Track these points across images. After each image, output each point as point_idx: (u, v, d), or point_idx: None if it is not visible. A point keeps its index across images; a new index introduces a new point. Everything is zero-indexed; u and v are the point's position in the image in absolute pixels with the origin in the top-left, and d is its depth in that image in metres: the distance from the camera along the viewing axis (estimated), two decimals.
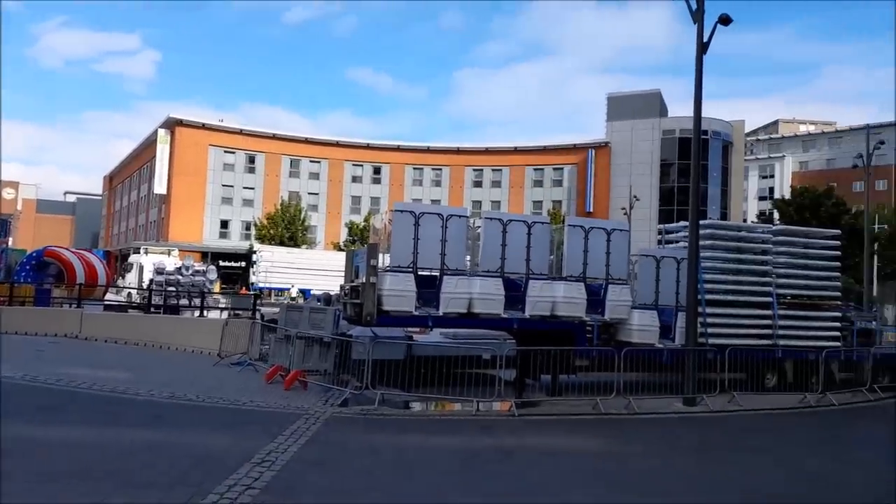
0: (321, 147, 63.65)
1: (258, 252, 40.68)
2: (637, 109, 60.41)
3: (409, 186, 64.99)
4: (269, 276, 38.41)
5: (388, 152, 65.01)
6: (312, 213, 59.65)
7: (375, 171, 65.14)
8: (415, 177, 65.65)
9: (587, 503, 6.47)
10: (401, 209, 12.25)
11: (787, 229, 17.53)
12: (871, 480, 7.88)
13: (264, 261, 38.92)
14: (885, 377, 15.54)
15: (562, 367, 12.26)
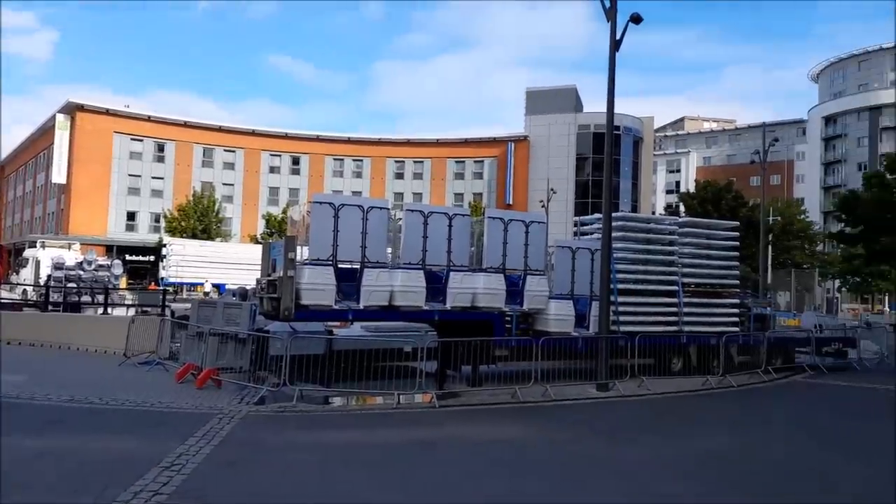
0: (236, 136, 61.44)
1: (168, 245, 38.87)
2: (554, 104, 62.03)
3: (330, 178, 63.93)
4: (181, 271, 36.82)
5: (308, 142, 63.62)
6: (227, 205, 57.58)
7: (294, 161, 63.60)
8: (335, 168, 64.65)
9: (505, 493, 6.58)
10: (320, 200, 12.00)
11: (692, 221, 18.49)
12: (768, 457, 8.47)
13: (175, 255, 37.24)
14: (778, 359, 16.76)
15: (482, 358, 12.44)
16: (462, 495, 6.39)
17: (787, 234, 53.29)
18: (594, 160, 60.30)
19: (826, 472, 7.75)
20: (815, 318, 26.41)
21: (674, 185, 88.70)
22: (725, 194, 51.72)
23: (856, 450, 8.97)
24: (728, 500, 6.50)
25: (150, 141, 57.87)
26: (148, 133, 57.55)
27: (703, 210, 47.67)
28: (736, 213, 45.67)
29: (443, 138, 65.18)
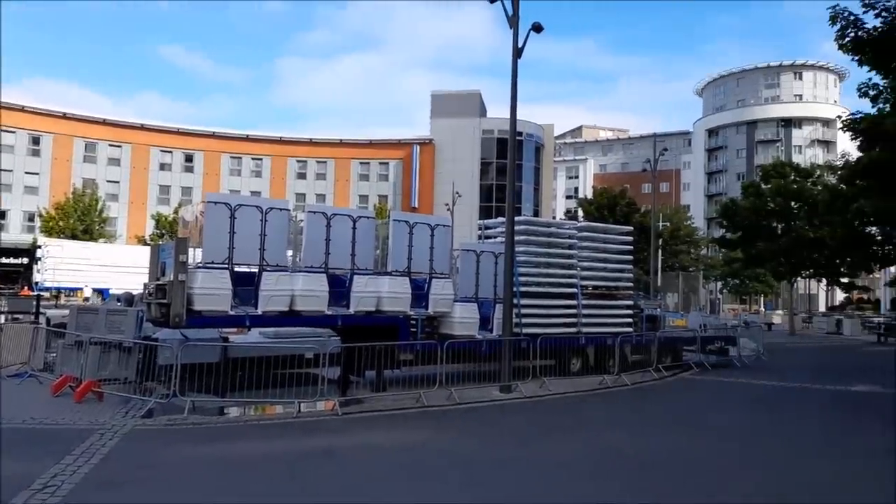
0: (123, 130, 57.55)
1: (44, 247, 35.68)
2: (459, 108, 62.81)
3: (227, 176, 61.30)
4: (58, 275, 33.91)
5: (203, 139, 60.68)
6: (112, 204, 53.76)
7: (187, 158, 60.42)
8: (233, 166, 62.07)
9: (407, 498, 6.46)
10: (215, 200, 11.36)
11: (590, 226, 19.20)
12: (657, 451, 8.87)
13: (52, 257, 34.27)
14: (668, 357, 17.74)
15: (387, 363, 12.25)
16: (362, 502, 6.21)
17: (675, 239, 56.88)
18: (498, 165, 61.65)
19: (719, 464, 8.20)
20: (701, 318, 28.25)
21: (573, 190, 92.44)
22: (620, 200, 54.48)
23: (740, 441, 9.58)
24: (630, 495, 6.71)
25: (23, 133, 52.96)
26: (21, 124, 52.61)
27: (599, 215, 49.93)
28: (629, 218, 48.17)
29: (347, 139, 64.27)
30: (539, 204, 65.89)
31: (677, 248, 56.65)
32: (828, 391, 14.92)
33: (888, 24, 12.79)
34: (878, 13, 12.88)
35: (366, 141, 64.37)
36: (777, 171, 40.49)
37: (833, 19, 13.36)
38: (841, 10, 13.26)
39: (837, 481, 7.47)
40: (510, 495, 6.62)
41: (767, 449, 9.05)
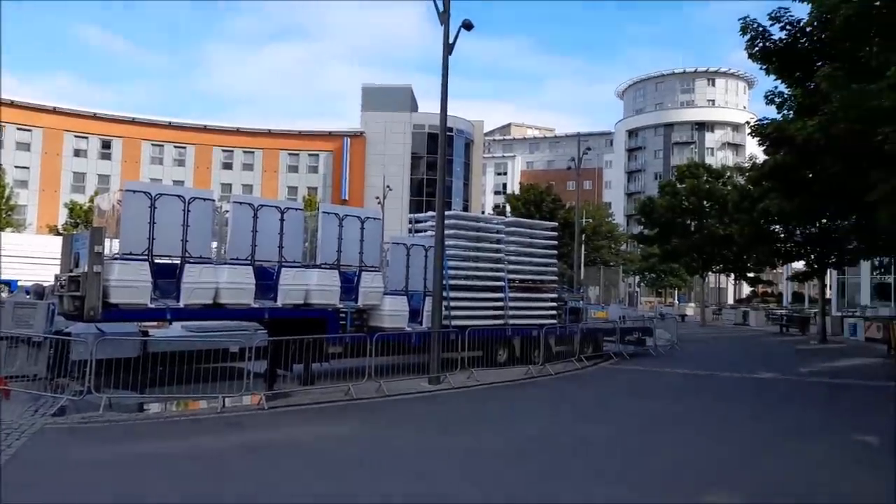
0: (33, 113, 53.88)
1: None
2: (390, 102, 62.50)
3: (147, 165, 58.56)
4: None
5: (121, 125, 57.68)
6: (21, 191, 50.33)
7: (105, 145, 57.32)
8: (154, 154, 59.34)
9: (332, 491, 6.49)
10: (133, 189, 10.91)
11: (517, 221, 19.68)
12: (577, 437, 9.27)
13: None
14: (590, 347, 18.44)
15: (315, 356, 12.17)
16: (286, 497, 6.19)
17: (597, 235, 58.90)
18: (428, 160, 61.83)
19: (634, 448, 8.65)
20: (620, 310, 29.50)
21: (501, 186, 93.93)
22: (546, 197, 55.93)
23: (654, 426, 10.14)
24: (548, 479, 7.00)
25: None
26: None
27: (526, 211, 51.10)
28: (555, 214, 49.57)
29: (276, 129, 62.69)
30: (469, 199, 66.61)
31: (599, 244, 58.70)
32: (735, 378, 15.95)
33: (792, 37, 13.77)
34: (783, 26, 13.84)
35: (295, 132, 63.00)
36: (691, 171, 42.69)
37: (744, 30, 14.25)
38: (751, 21, 14.15)
39: (737, 458, 8.05)
40: (437, 484, 6.77)
41: (678, 432, 9.64)
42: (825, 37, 12.16)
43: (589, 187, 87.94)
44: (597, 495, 6.41)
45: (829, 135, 11.05)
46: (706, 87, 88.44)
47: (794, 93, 14.62)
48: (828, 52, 12.08)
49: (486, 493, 6.47)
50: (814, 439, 9.17)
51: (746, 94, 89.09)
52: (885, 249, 21.87)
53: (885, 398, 12.90)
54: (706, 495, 6.43)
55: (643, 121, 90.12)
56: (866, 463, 7.88)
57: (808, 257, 29.52)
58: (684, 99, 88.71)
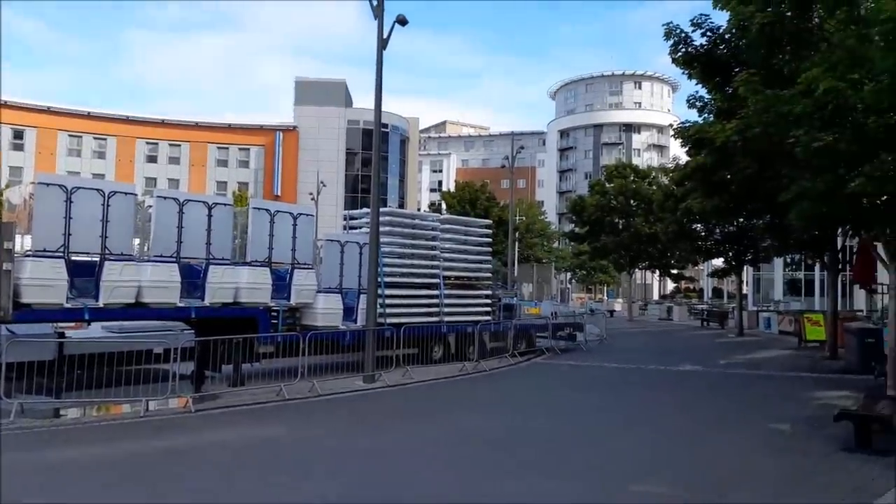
0: None
1: None
2: (324, 97, 61.47)
3: (64, 156, 55.29)
4: None
5: (35, 114, 54.15)
6: None
7: (17, 135, 53.68)
8: (71, 146, 56.11)
9: (259, 494, 6.34)
10: (47, 181, 10.31)
11: (452, 218, 19.82)
12: (508, 431, 9.42)
13: None
14: (523, 343, 18.78)
15: (245, 356, 11.85)
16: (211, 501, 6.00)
17: (530, 233, 60.03)
18: (363, 156, 61.23)
19: (565, 440, 8.87)
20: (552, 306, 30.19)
21: (437, 184, 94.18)
22: (481, 195, 56.51)
23: (584, 418, 10.43)
24: (479, 474, 7.07)
25: None
26: None
27: (461, 208, 51.46)
28: (489, 212, 50.18)
29: (204, 121, 60.47)
30: (404, 196, 66.41)
31: (532, 241, 59.85)
32: (660, 371, 16.62)
33: (712, 43, 14.43)
34: (704, 32, 14.48)
35: (225, 125, 60.97)
36: (619, 171, 44.17)
37: (667, 35, 14.82)
38: (674, 27, 14.74)
39: (663, 448, 8.39)
40: (370, 484, 6.72)
41: (608, 424, 9.97)
42: (742, 44, 12.80)
43: (523, 186, 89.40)
44: (529, 488, 6.53)
45: (745, 138, 11.65)
46: (633, 90, 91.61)
47: (714, 97, 15.31)
48: (745, 58, 12.72)
49: (419, 490, 6.47)
50: (732, 428, 9.66)
51: (671, 98, 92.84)
52: (795, 247, 23.27)
53: (796, 388, 13.74)
54: (634, 484, 6.65)
55: (574, 121, 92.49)
56: (779, 449, 8.37)
57: (726, 254, 31.07)
58: (613, 101, 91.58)
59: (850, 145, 10.13)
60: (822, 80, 9.88)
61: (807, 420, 9.92)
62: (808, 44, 11.60)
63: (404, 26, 13.83)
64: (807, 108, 10.16)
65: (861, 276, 19.24)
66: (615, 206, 42.09)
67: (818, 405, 11.24)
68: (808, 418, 10.05)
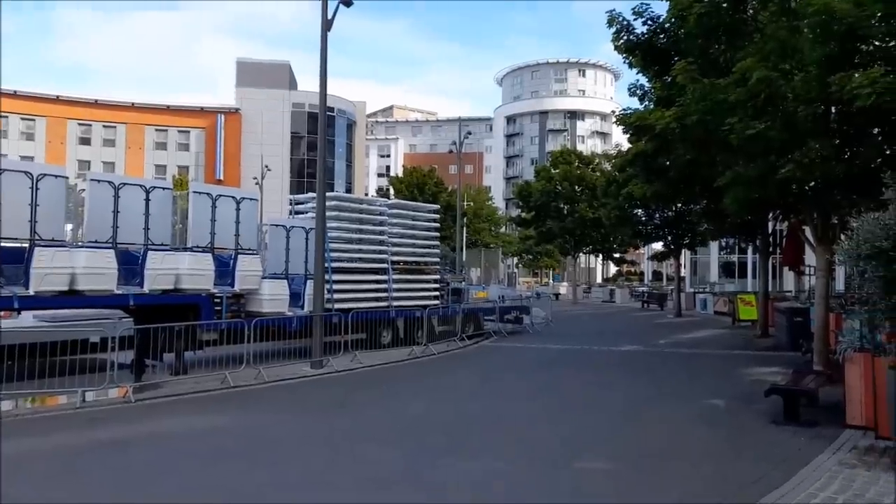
0: None
1: None
2: (268, 79, 59.94)
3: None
4: None
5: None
6: None
7: None
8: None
9: (201, 484, 6.25)
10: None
11: (400, 203, 19.72)
12: (455, 414, 9.54)
13: None
14: (471, 327, 18.98)
15: (188, 344, 11.57)
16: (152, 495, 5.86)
17: (478, 218, 60.44)
18: (309, 140, 60.16)
19: (509, 421, 9.05)
20: (500, 290, 30.53)
21: (384, 168, 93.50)
22: (429, 180, 56.42)
23: (529, 399, 10.66)
24: (425, 458, 7.16)
25: None
26: None
27: (409, 194, 51.27)
28: (437, 197, 50.17)
29: (140, 102, 58.04)
30: (352, 181, 65.65)
31: (480, 226, 60.28)
32: (603, 351, 17.12)
33: (652, 32, 14.75)
34: (646, 21, 14.78)
35: (163, 106, 58.66)
36: (564, 158, 44.92)
37: (610, 22, 15.05)
38: (617, 14, 14.98)
39: (605, 425, 8.69)
40: (316, 469, 6.71)
41: (553, 404, 10.23)
42: (681, 33, 13.13)
43: (470, 171, 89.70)
44: (476, 470, 6.65)
45: (683, 125, 12.00)
46: (578, 78, 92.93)
47: (654, 85, 15.68)
48: (683, 48, 13.06)
49: (366, 474, 6.50)
50: (670, 404, 10.07)
51: (613, 86, 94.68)
52: (730, 231, 24.25)
53: (729, 365, 14.41)
54: (578, 461, 6.87)
55: (520, 108, 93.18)
56: (714, 423, 8.79)
57: (665, 239, 32.12)
58: (558, 88, 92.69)
59: (781, 133, 10.61)
60: (755, 70, 10.30)
61: (740, 395, 10.44)
62: (742, 34, 12.00)
63: (349, 7, 13.62)
64: (741, 97, 10.56)
65: (790, 258, 20.28)
66: (560, 191, 42.84)
67: (750, 381, 11.84)
68: (740, 394, 10.57)
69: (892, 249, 6.38)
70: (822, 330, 11.89)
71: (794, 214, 15.38)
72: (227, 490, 5.95)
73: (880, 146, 11.30)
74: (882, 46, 10.33)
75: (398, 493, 5.89)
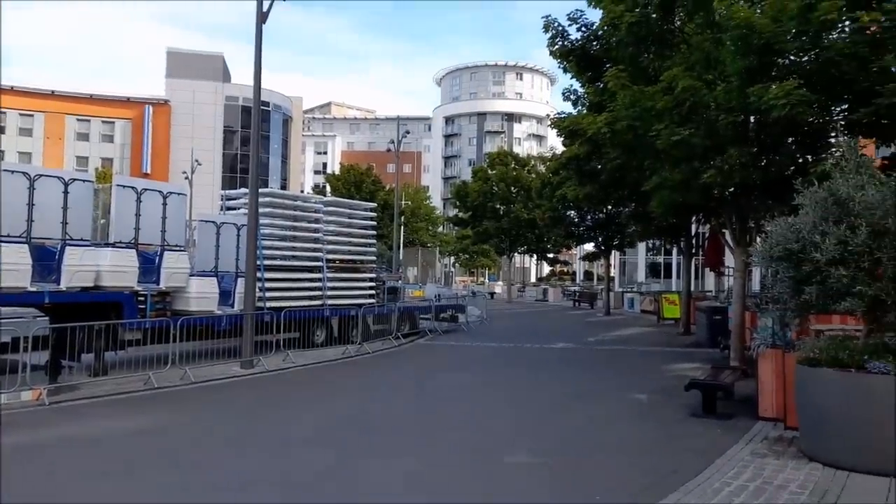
0: None
1: None
2: (200, 70, 57.92)
3: None
4: None
5: None
6: None
7: None
8: None
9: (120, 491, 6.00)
10: None
11: (336, 201, 19.50)
12: (386, 414, 9.53)
13: None
14: (406, 325, 18.97)
15: (108, 344, 11.06)
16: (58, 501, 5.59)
17: (415, 217, 60.44)
18: (242, 134, 58.51)
19: (441, 421, 9.10)
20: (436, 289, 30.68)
21: (321, 166, 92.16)
22: (366, 178, 56.05)
23: (461, 398, 10.76)
24: (362, 458, 7.11)
25: None
26: None
27: (346, 191, 50.76)
28: (375, 195, 49.90)
29: (61, 91, 54.88)
30: (287, 177, 64.30)
31: (417, 226, 60.31)
32: (535, 348, 17.46)
33: (586, 39, 15.18)
34: (580, 28, 15.19)
35: (86, 95, 55.65)
36: (501, 159, 45.60)
37: (546, 27, 15.39)
38: (552, 20, 15.33)
39: (535, 421, 8.88)
40: (241, 471, 6.55)
41: (486, 400, 10.36)
42: (613, 41, 13.57)
43: (409, 170, 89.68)
44: (408, 468, 6.67)
45: (613, 130, 12.40)
46: (515, 81, 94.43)
47: (587, 91, 16.13)
48: (615, 55, 13.50)
49: (292, 477, 6.40)
50: (598, 399, 10.39)
51: (549, 90, 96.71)
52: (656, 233, 25.24)
53: (653, 361, 14.99)
54: (507, 456, 6.99)
55: (459, 108, 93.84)
56: (637, 417, 9.13)
57: (596, 240, 33.13)
58: (496, 90, 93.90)
59: (704, 140, 11.14)
60: (681, 79, 10.77)
61: (662, 390, 10.89)
62: (670, 45, 12.52)
63: (286, 0, 13.36)
64: (667, 105, 11.02)
65: (711, 260, 21.29)
66: (497, 192, 43.45)
67: (672, 376, 12.36)
68: (663, 388, 11.03)
69: (801, 252, 6.79)
70: (739, 328, 12.55)
71: (715, 218, 16.14)
72: (146, 495, 5.72)
73: (794, 155, 12.04)
74: (796, 61, 11.01)
75: (325, 493, 5.82)
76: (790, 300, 7.12)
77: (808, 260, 6.65)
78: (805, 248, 6.69)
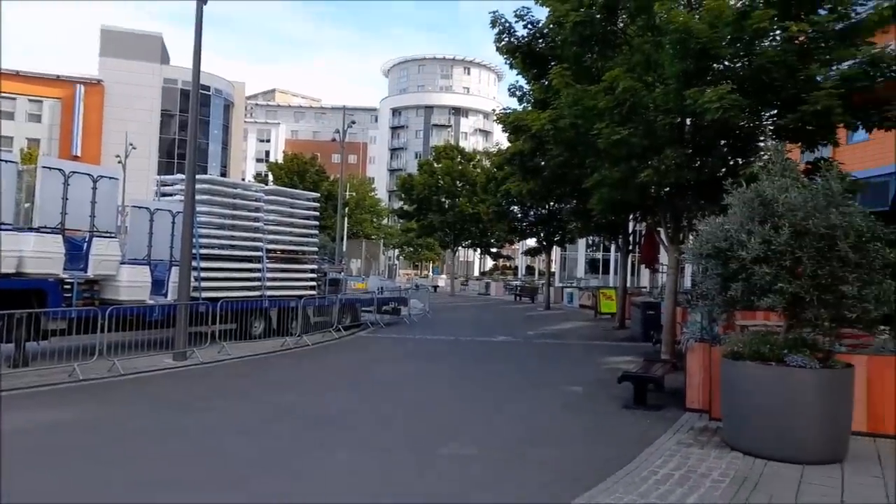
0: None
1: None
2: (137, 50, 55.61)
3: None
4: None
5: None
6: None
7: None
8: None
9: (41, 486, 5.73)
10: None
11: (277, 190, 19.09)
12: (324, 407, 9.44)
13: None
14: (348, 318, 18.81)
15: (30, 333, 10.51)
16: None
17: (360, 208, 59.94)
18: (181, 119, 56.53)
19: (380, 414, 9.07)
20: (379, 281, 30.53)
21: (264, 154, 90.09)
22: (310, 168, 55.17)
23: (401, 391, 10.76)
24: (296, 453, 7.01)
25: None
26: None
27: (290, 181, 49.81)
28: (319, 185, 49.21)
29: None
30: (227, 164, 62.58)
31: (362, 217, 59.85)
32: (476, 341, 17.62)
33: (532, 36, 15.34)
34: (526, 25, 15.34)
35: (11, 71, 52.45)
36: (447, 153, 45.71)
37: (493, 23, 15.46)
38: (499, 16, 15.41)
39: (472, 412, 8.97)
40: (167, 466, 6.35)
41: (425, 393, 10.40)
42: (558, 40, 13.77)
43: (354, 161, 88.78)
44: (341, 461, 6.61)
45: (556, 127, 12.61)
46: (463, 75, 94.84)
47: (532, 88, 16.33)
48: (560, 53, 13.71)
49: (222, 471, 6.26)
50: (534, 391, 10.58)
51: (496, 86, 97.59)
52: (596, 230, 25.88)
53: (589, 354, 15.38)
54: (443, 448, 7.03)
55: (406, 101, 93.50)
56: (572, 408, 9.35)
57: (538, 235, 33.68)
58: (444, 84, 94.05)
59: (642, 140, 11.46)
60: (622, 80, 11.04)
61: (597, 382, 11.19)
62: (613, 45, 12.81)
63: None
64: (608, 104, 11.28)
65: (646, 256, 21.97)
66: (442, 185, 43.55)
67: (606, 369, 12.71)
68: (597, 381, 11.33)
69: (728, 250, 7.07)
70: (670, 322, 13.01)
71: (651, 216, 16.67)
72: (64, 492, 5.47)
73: (725, 157, 12.54)
74: (731, 66, 11.46)
75: (254, 487, 5.71)
76: (717, 296, 7.41)
77: (734, 258, 6.94)
78: (732, 246, 6.98)
